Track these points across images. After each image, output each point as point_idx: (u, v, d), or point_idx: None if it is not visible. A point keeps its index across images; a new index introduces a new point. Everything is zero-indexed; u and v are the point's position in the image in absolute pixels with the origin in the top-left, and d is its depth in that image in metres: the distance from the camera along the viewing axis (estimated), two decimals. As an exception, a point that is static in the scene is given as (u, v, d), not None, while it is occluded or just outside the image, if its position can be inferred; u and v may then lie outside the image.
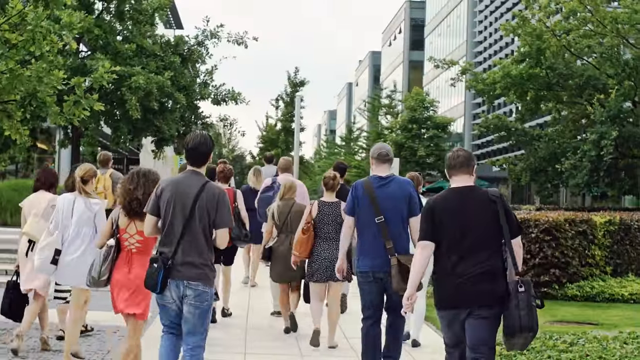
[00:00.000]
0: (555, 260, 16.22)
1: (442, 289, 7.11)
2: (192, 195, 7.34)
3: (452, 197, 7.20)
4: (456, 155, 7.31)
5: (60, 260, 9.59)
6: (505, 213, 7.06)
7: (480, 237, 6.95)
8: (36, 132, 26.95)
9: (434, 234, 7.08)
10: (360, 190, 9.02)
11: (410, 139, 60.09)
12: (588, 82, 36.16)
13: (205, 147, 7.55)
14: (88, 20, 23.03)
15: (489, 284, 6.86)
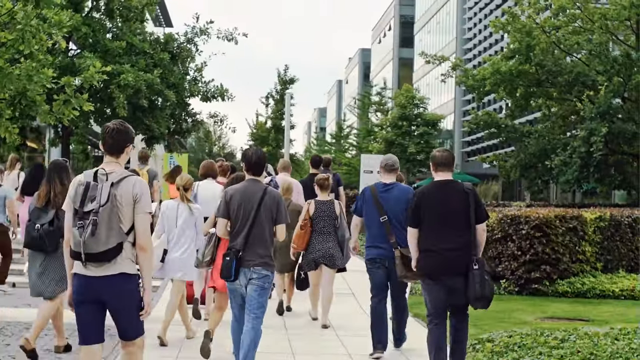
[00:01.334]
0: (546, 256, 16.24)
1: (426, 262, 8.93)
2: (257, 199, 8.92)
3: (437, 187, 9.05)
4: (443, 154, 9.19)
5: (166, 258, 11.23)
6: (476, 203, 8.95)
7: (455, 220, 8.82)
8: (26, 131, 26.90)
9: (419, 220, 8.97)
10: (367, 195, 10.81)
11: (401, 136, 60.07)
12: (577, 79, 36.20)
13: (263, 161, 9.22)
14: (76, 18, 23.04)
15: (462, 257, 8.73)
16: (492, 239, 16.80)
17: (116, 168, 6.96)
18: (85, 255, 6.69)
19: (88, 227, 6.65)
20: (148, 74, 26.19)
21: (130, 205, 6.82)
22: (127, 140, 7.10)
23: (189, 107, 31.35)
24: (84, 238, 6.64)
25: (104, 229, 6.68)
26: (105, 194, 6.74)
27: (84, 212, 6.72)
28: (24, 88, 15.13)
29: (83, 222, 6.70)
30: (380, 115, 68.07)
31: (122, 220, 6.79)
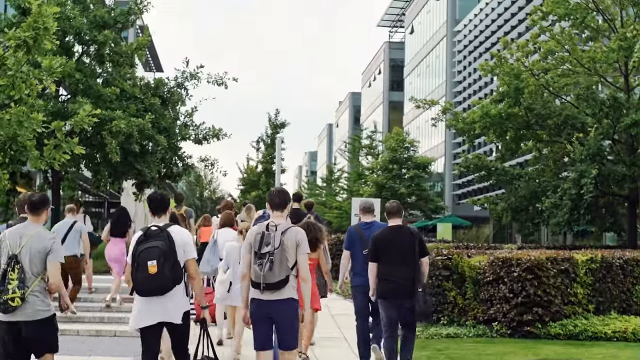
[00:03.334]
0: (538, 298, 16.23)
1: (383, 288, 11.63)
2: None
3: (390, 231, 11.79)
4: (392, 205, 11.96)
5: (231, 289, 14.06)
6: (419, 242, 11.68)
7: (405, 256, 11.47)
8: (16, 176, 26.82)
9: (377, 256, 11.70)
10: (353, 232, 13.13)
11: (391, 179, 60.20)
12: (567, 121, 36.29)
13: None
14: (69, 65, 23.10)
15: (410, 284, 11.42)
16: (484, 281, 16.81)
17: (282, 221, 9.56)
18: (264, 284, 9.20)
19: (266, 264, 9.18)
20: (139, 119, 26.19)
21: (294, 248, 9.35)
22: (288, 199, 9.84)
23: (180, 151, 31.33)
24: (263, 272, 9.19)
25: (277, 266, 9.20)
26: (277, 240, 9.30)
27: (262, 253, 9.27)
28: (14, 133, 15.11)
29: (262, 260, 9.24)
30: (370, 159, 68.18)
31: (289, 259, 9.31)
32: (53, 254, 9.11)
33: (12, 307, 8.87)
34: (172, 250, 9.25)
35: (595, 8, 36.76)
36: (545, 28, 37.89)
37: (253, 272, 9.31)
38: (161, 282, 9.20)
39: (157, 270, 9.18)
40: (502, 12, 72.67)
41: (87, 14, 28.03)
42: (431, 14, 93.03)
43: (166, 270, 9.21)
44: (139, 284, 9.29)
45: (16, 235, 9.20)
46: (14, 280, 8.92)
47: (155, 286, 9.24)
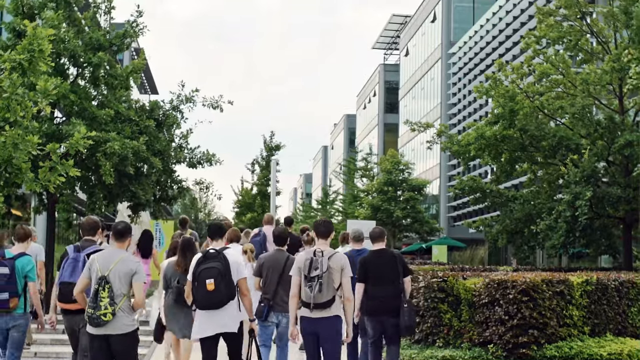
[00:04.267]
0: (533, 321, 16.21)
1: (369, 305, 12.82)
2: (282, 263, 13.06)
3: (375, 254, 13.05)
4: (375, 231, 13.29)
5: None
6: (402, 263, 12.94)
7: (388, 277, 12.66)
8: (11, 199, 26.79)
9: (365, 277, 12.87)
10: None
11: (387, 202, 60.22)
12: (561, 143, 36.33)
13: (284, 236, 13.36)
14: (64, 86, 23.10)
15: (393, 302, 12.65)
16: (480, 303, 16.78)
17: (326, 247, 11.29)
18: (314, 304, 10.81)
19: (316, 286, 10.75)
20: (134, 141, 26.18)
21: (339, 272, 11.02)
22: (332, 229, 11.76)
23: (174, 174, 31.31)
24: (313, 293, 10.79)
25: (325, 287, 10.77)
26: (325, 265, 10.87)
27: (311, 276, 10.86)
28: (9, 156, 15.09)
29: (311, 283, 10.83)
30: (366, 181, 68.22)
31: (334, 281, 10.93)
32: (137, 276, 10.54)
33: (104, 321, 10.26)
34: (227, 270, 10.89)
35: (589, 31, 36.91)
36: (539, 51, 38.00)
37: (303, 293, 10.95)
38: (218, 297, 10.87)
39: (215, 287, 10.82)
40: (497, 34, 72.89)
41: (82, 36, 28.06)
42: (426, 37, 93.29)
43: (222, 288, 10.86)
44: (199, 300, 10.97)
45: (105, 259, 10.58)
46: (105, 298, 10.29)
47: (213, 301, 10.91)
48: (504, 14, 71.99)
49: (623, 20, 34.90)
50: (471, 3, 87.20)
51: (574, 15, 36.80)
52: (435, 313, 17.47)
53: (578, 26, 36.85)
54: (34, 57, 14.88)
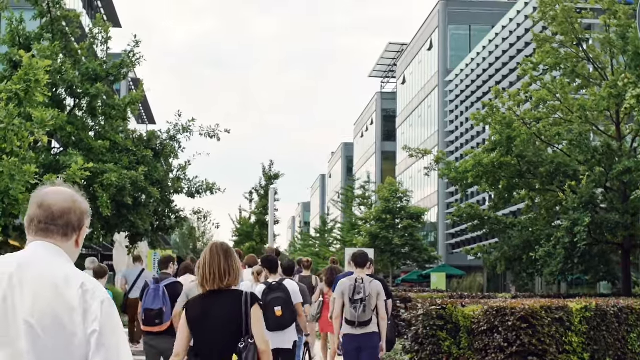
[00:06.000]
0: (533, 347, 16.15)
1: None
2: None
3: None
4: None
5: None
6: (385, 287, 13.91)
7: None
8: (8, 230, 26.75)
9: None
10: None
11: (385, 229, 60.16)
12: (559, 169, 36.36)
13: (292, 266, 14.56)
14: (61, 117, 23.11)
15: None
16: (479, 330, 16.72)
17: (364, 275, 13.08)
18: (359, 322, 12.66)
19: (360, 307, 12.65)
20: (132, 171, 26.19)
21: (376, 296, 12.83)
22: (368, 259, 13.61)
23: (172, 204, 31.31)
24: (358, 313, 12.65)
25: (367, 308, 12.67)
26: (367, 290, 12.79)
27: (355, 299, 12.72)
28: (6, 186, 15.10)
29: (356, 305, 12.68)
30: (364, 209, 68.17)
31: (372, 303, 12.75)
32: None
33: None
34: (289, 298, 12.44)
35: (585, 57, 37.02)
36: (536, 77, 38.10)
37: (348, 313, 12.78)
38: (284, 322, 12.35)
39: (282, 313, 12.34)
40: (494, 61, 73.10)
41: (78, 66, 28.12)
42: (423, 64, 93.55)
43: (287, 314, 12.39)
44: (270, 324, 11.57)
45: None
46: None
47: (280, 325, 12.34)
48: (500, 41, 72.24)
49: (619, 46, 35.01)
50: (467, 31, 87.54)
51: (570, 42, 36.93)
52: (434, 340, 17.41)
53: (575, 52, 36.97)
54: (30, 88, 14.93)
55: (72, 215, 3.93)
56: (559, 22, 36.32)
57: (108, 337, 3.58)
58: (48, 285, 3.62)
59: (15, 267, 3.69)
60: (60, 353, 3.56)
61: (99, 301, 3.62)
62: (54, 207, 3.87)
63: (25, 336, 3.54)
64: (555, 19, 36.52)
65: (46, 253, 3.78)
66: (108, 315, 3.62)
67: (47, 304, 3.58)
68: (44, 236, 3.84)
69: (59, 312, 3.57)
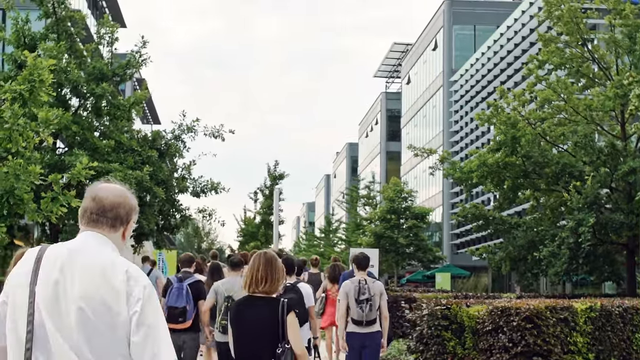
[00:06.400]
0: (538, 348, 16.13)
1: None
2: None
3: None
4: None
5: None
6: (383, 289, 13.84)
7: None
8: (13, 230, 26.78)
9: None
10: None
11: (389, 229, 60.10)
12: (564, 170, 36.33)
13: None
14: (66, 117, 23.13)
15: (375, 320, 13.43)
16: (483, 331, 16.71)
17: (366, 277, 13.53)
18: (366, 321, 13.13)
19: (366, 307, 13.13)
20: (137, 171, 26.20)
21: (379, 297, 13.35)
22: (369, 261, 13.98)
23: (177, 203, 31.32)
24: (365, 312, 13.13)
25: (373, 308, 13.17)
26: (372, 290, 13.26)
27: (360, 300, 13.18)
28: (11, 186, 15.10)
29: (361, 305, 13.15)
30: (368, 209, 68.15)
31: (377, 303, 13.26)
32: None
33: None
34: (302, 300, 12.50)
35: (590, 57, 36.97)
36: (542, 77, 38.05)
37: (355, 313, 13.22)
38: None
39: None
40: (498, 61, 73.05)
41: (84, 66, 28.14)
42: (427, 65, 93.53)
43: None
44: None
45: (229, 284, 13.45)
46: None
47: None
48: (505, 41, 72.21)
49: (626, 46, 34.97)
50: (472, 31, 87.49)
51: (575, 42, 36.89)
52: (439, 341, 17.41)
53: (580, 52, 36.93)
54: (35, 87, 14.93)
55: (121, 209, 4.29)
56: (564, 21, 36.27)
57: (148, 317, 3.97)
58: (96, 271, 4.01)
59: (67, 254, 4.09)
60: (106, 332, 3.94)
61: (141, 285, 4.01)
62: (105, 201, 4.26)
63: (75, 317, 3.93)
64: (560, 18, 36.48)
65: (95, 242, 4.17)
66: (149, 298, 4.00)
67: (95, 289, 3.97)
68: (94, 227, 4.25)
69: (106, 296, 3.96)
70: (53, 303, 3.98)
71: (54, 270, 4.03)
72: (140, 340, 3.94)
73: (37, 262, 4.09)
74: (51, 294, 3.99)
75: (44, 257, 4.11)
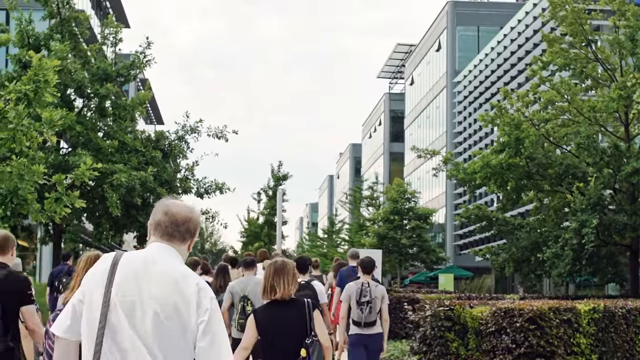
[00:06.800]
0: (541, 349, 16.13)
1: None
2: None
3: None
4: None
5: None
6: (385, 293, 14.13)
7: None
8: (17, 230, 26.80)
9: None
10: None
11: (393, 230, 60.10)
12: (567, 171, 36.31)
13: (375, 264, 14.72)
14: (70, 117, 23.15)
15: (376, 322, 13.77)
16: (486, 332, 16.71)
17: (370, 280, 13.88)
18: (365, 323, 13.45)
19: (367, 309, 13.49)
20: (141, 172, 26.21)
21: (380, 300, 13.65)
22: (374, 265, 14.48)
23: (180, 204, 31.31)
24: (365, 314, 13.47)
25: (373, 310, 13.51)
26: (373, 293, 13.62)
27: (361, 302, 13.53)
28: (15, 187, 15.11)
29: (362, 307, 13.50)
30: (372, 210, 68.14)
31: (377, 306, 13.58)
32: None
33: None
34: (316, 297, 12.78)
35: (595, 58, 36.95)
36: (545, 78, 38.03)
37: (355, 314, 13.57)
38: None
39: None
40: (502, 62, 73.04)
41: (88, 67, 28.16)
42: (431, 65, 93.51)
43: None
44: None
45: (243, 283, 13.78)
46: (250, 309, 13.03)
47: None
48: (509, 42, 72.20)
49: (629, 48, 34.96)
50: (476, 32, 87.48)
51: (579, 43, 36.87)
52: (442, 342, 17.41)
53: (584, 53, 36.90)
54: (40, 88, 14.93)
55: (191, 224, 4.84)
56: (568, 22, 36.26)
57: (214, 326, 4.48)
58: (170, 280, 4.50)
59: (141, 262, 4.58)
60: (176, 336, 4.43)
61: (209, 298, 4.53)
62: (177, 216, 4.79)
63: (150, 321, 4.41)
64: (565, 19, 36.47)
65: (167, 254, 4.65)
66: (215, 309, 4.52)
67: (169, 296, 4.45)
68: (168, 239, 4.73)
69: (178, 303, 4.45)
70: (129, 305, 4.44)
71: (130, 276, 4.51)
72: (206, 345, 4.43)
73: (113, 267, 4.55)
74: (127, 296, 4.46)
75: (120, 263, 4.57)
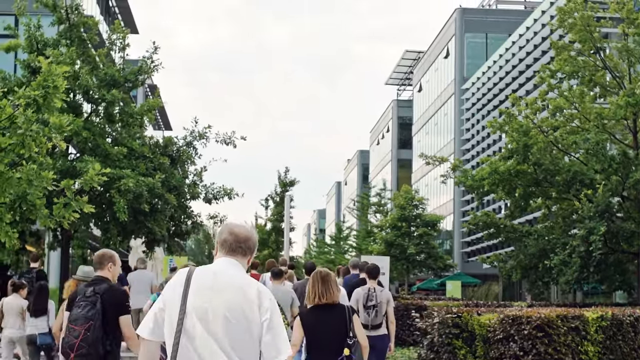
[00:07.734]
0: (549, 356, 16.12)
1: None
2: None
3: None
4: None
5: None
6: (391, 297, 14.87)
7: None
8: (25, 235, 26.83)
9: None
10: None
11: (400, 237, 60.02)
12: (575, 178, 36.29)
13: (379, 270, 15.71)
14: (77, 122, 23.17)
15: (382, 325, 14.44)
16: (494, 339, 16.70)
17: (376, 285, 14.64)
18: (371, 326, 14.01)
19: (372, 312, 14.18)
20: (149, 178, 26.19)
21: (385, 304, 14.36)
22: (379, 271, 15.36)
23: (188, 209, 31.34)
24: (371, 317, 14.14)
25: (379, 314, 14.21)
26: (379, 297, 14.31)
27: (368, 305, 14.24)
28: (24, 192, 15.12)
29: (369, 310, 14.19)
30: (379, 216, 68.08)
31: (383, 310, 14.29)
32: (294, 302, 15.49)
33: None
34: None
35: (603, 66, 36.92)
36: (554, 85, 38.03)
37: (362, 318, 13.84)
38: None
39: None
40: (510, 70, 72.99)
41: (96, 72, 28.18)
42: (439, 72, 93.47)
43: None
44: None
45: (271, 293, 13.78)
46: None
47: None
48: (517, 49, 72.15)
49: (638, 55, 34.94)
50: (484, 39, 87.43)
51: (588, 50, 36.85)
52: (449, 349, 17.40)
53: (593, 61, 36.89)
54: (49, 94, 14.95)
55: (251, 241, 5.69)
56: (577, 29, 36.26)
57: (275, 322, 5.35)
58: (237, 288, 5.37)
59: (212, 275, 5.44)
60: (244, 335, 5.28)
61: (268, 299, 5.41)
62: (240, 235, 5.62)
63: (222, 324, 5.25)
64: (573, 26, 36.46)
65: (233, 266, 5.53)
66: (274, 308, 5.40)
67: (237, 302, 5.30)
68: (232, 254, 5.59)
69: (244, 307, 5.30)
70: (203, 311, 5.26)
71: (202, 286, 5.35)
72: (270, 339, 5.31)
73: (188, 280, 5.41)
74: (202, 304, 5.29)
75: (194, 275, 5.44)
